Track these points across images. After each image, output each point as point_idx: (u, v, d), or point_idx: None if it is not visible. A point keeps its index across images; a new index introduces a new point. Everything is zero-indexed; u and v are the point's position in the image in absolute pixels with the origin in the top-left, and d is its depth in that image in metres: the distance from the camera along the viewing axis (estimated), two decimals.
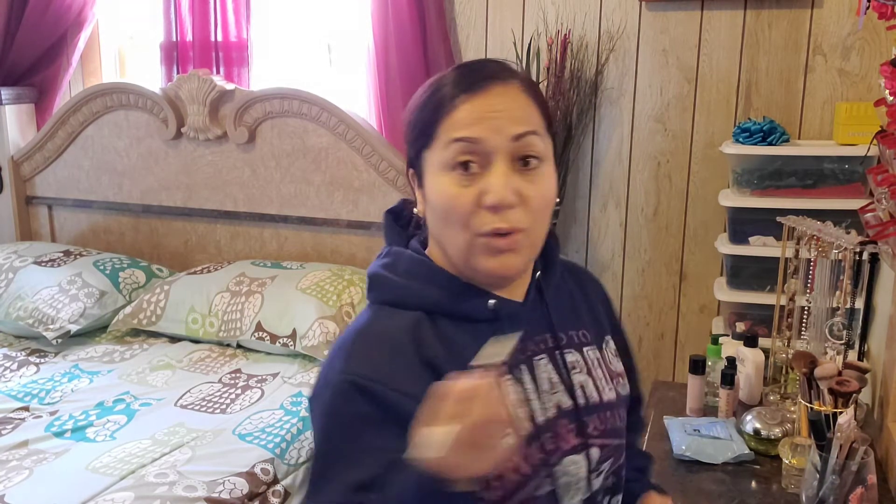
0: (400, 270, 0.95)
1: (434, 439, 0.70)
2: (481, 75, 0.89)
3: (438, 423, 0.70)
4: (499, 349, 0.76)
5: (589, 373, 0.98)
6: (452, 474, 0.71)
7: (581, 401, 0.96)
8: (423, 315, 0.91)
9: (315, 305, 2.37)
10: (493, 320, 0.92)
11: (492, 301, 0.92)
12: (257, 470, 1.80)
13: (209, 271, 2.65)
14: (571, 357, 0.97)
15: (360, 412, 0.84)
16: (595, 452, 0.95)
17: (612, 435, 0.98)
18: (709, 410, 1.76)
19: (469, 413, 0.69)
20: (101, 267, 2.72)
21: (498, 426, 0.70)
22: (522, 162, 0.88)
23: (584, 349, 1.00)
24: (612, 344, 1.05)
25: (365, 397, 0.84)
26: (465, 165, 0.87)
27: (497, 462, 0.72)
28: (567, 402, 0.95)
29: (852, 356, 1.70)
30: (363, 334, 0.91)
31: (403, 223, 1.02)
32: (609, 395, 0.99)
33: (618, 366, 1.04)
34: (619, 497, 1.02)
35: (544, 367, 0.95)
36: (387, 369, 0.86)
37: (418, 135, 0.91)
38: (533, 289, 0.97)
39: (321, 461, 0.87)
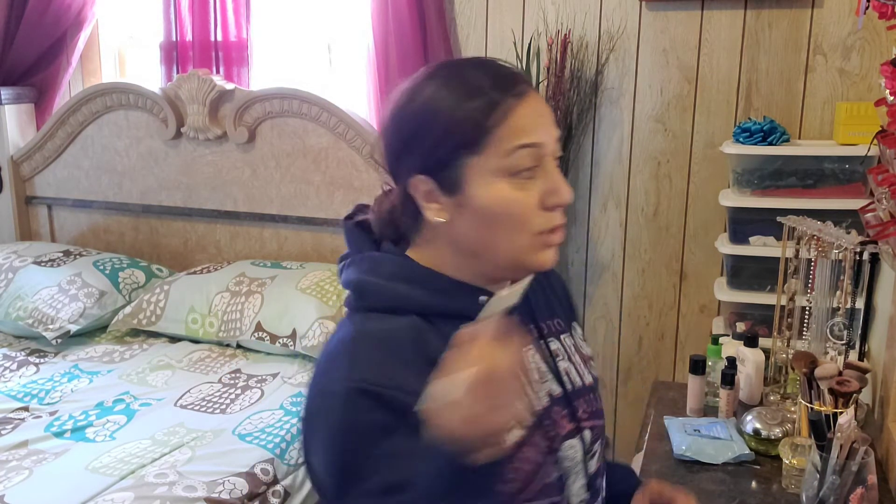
0: (385, 274, 0.92)
1: (451, 386, 0.68)
2: (515, 78, 0.89)
3: (456, 370, 0.69)
4: (503, 301, 0.76)
5: (569, 359, 1.01)
6: (464, 429, 0.68)
7: (569, 386, 0.99)
8: (416, 318, 0.90)
9: (315, 305, 2.37)
10: None
11: (483, 297, 0.92)
12: (257, 470, 1.80)
13: (209, 271, 2.65)
14: (554, 345, 1.01)
15: (375, 420, 0.81)
16: (588, 434, 0.99)
17: (598, 416, 1.02)
18: (709, 410, 1.76)
19: (488, 359, 0.68)
20: (101, 267, 2.72)
21: (512, 377, 0.68)
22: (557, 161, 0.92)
23: (562, 336, 1.03)
24: (579, 330, 1.09)
25: (377, 403, 0.81)
26: (528, 170, 0.88)
27: (508, 421, 0.70)
28: (557, 390, 0.97)
29: (853, 356, 1.70)
30: (361, 339, 0.88)
31: (364, 228, 0.99)
32: (588, 378, 1.03)
33: (587, 350, 1.08)
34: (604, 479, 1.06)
35: (532, 357, 0.96)
36: (393, 371, 0.83)
37: (458, 142, 0.87)
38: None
39: (339, 477, 0.82)
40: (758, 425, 1.59)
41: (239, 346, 2.49)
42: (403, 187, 0.92)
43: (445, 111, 0.87)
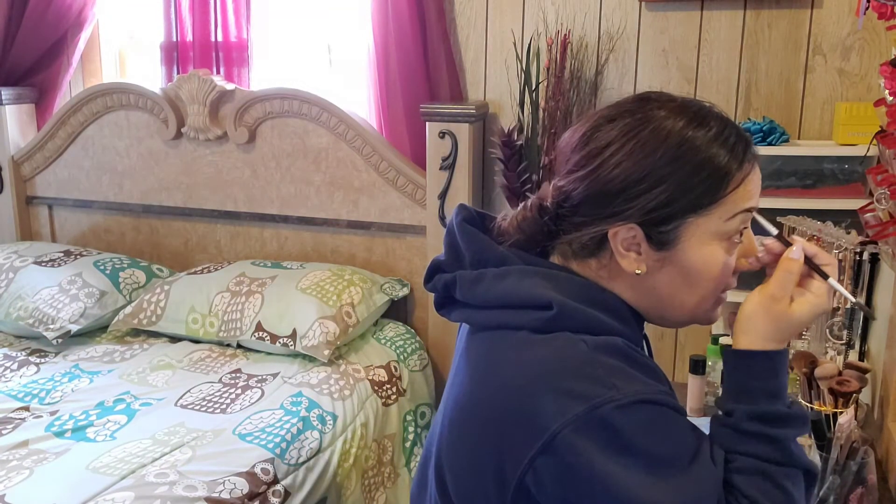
0: (579, 297, 0.88)
1: (822, 297, 0.92)
2: (750, 141, 0.89)
3: (812, 280, 0.92)
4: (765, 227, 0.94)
5: None
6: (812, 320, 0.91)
7: None
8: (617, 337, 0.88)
9: (315, 305, 2.37)
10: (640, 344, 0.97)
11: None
12: (257, 470, 1.80)
13: (209, 271, 2.65)
14: None
15: (678, 421, 0.85)
16: None
17: None
18: (709, 410, 1.76)
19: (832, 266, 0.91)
20: (102, 267, 2.72)
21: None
22: None
23: None
24: None
25: (670, 408, 0.84)
26: (738, 233, 0.89)
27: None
28: None
29: (853, 356, 1.70)
30: (609, 355, 0.84)
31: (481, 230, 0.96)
32: None
33: None
34: None
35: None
36: (657, 381, 0.85)
37: (691, 204, 0.85)
38: None
39: (678, 476, 0.81)
40: None
41: (239, 346, 2.49)
42: (599, 227, 0.88)
43: (684, 171, 0.85)
